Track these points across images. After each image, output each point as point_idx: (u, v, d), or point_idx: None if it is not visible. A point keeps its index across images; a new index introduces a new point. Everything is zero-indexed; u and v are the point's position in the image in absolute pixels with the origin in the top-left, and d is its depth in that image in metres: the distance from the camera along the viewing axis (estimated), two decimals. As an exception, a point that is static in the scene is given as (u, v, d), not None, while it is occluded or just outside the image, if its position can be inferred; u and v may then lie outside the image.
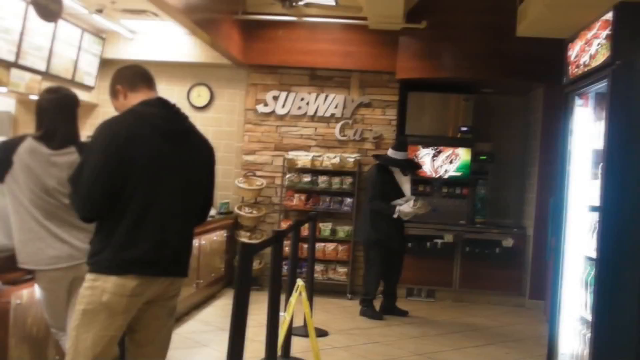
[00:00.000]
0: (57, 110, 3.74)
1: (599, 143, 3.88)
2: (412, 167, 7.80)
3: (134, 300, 3.07)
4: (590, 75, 3.73)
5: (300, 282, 5.46)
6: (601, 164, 3.72)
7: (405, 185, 7.51)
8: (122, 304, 3.04)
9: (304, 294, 5.41)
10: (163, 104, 3.24)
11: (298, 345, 5.84)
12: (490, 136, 9.12)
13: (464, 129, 8.88)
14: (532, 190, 8.71)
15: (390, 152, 7.53)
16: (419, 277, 8.54)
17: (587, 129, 4.01)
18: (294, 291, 5.40)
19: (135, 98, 3.21)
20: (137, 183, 3.03)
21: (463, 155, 8.78)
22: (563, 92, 4.10)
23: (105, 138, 3.06)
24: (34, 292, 3.92)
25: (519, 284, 8.62)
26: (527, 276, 8.57)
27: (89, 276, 3.10)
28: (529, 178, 8.94)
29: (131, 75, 3.26)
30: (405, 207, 7.29)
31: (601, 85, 3.70)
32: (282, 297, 4.87)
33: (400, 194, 7.43)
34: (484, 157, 8.94)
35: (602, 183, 3.47)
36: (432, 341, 6.69)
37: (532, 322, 7.78)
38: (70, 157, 3.68)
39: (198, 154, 3.29)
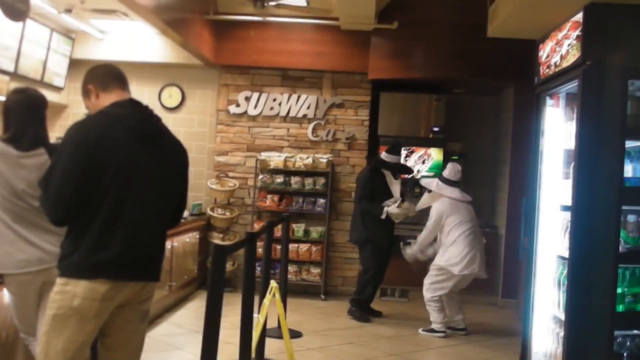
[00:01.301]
0: (24, 112, 3.68)
1: (570, 143, 3.91)
2: (403, 170, 7.81)
3: (105, 304, 3.03)
4: (561, 76, 3.76)
5: (273, 284, 5.43)
6: (572, 164, 3.75)
7: (395, 187, 7.53)
8: (93, 308, 3.00)
9: (277, 296, 5.39)
10: (135, 105, 3.20)
11: (272, 346, 5.83)
12: (462, 136, 9.18)
13: (435, 129, 8.92)
14: (503, 189, 8.77)
15: (384, 155, 7.54)
16: (393, 277, 8.50)
17: (558, 129, 4.04)
18: (267, 292, 5.37)
19: (107, 99, 3.17)
20: (108, 186, 2.99)
21: (435, 155, 8.83)
22: (534, 92, 4.12)
23: (75, 140, 3.02)
24: (3, 296, 3.86)
25: (491, 283, 8.66)
26: (499, 275, 8.63)
27: (59, 280, 3.05)
28: (500, 177, 9.01)
29: (103, 75, 3.21)
30: (393, 208, 7.29)
31: (572, 86, 3.73)
32: (256, 299, 4.84)
33: (390, 196, 7.45)
34: (456, 157, 8.96)
35: (573, 183, 3.49)
36: (406, 341, 6.71)
37: (505, 320, 7.83)
38: (39, 158, 3.62)
39: (171, 156, 3.26)
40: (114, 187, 3.00)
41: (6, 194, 3.56)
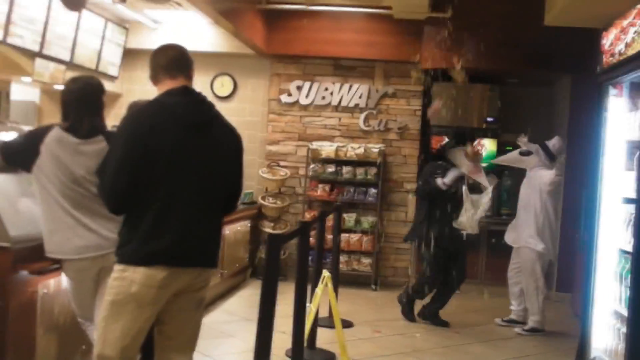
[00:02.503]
0: (81, 101, 3.71)
1: (633, 134, 3.80)
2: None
3: (162, 291, 3.05)
4: (626, 64, 3.64)
5: (326, 273, 5.42)
6: (636, 155, 3.64)
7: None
8: (150, 295, 3.02)
9: (329, 285, 5.38)
10: (188, 92, 3.20)
11: (323, 336, 5.82)
12: (516, 127, 8.97)
13: (489, 119, 8.79)
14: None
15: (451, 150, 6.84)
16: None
17: (621, 119, 3.92)
18: (319, 282, 5.36)
19: (166, 84, 3.18)
20: (162, 174, 3.01)
21: (489, 145, 8.69)
22: (596, 82, 4.01)
23: (129, 129, 3.05)
24: (61, 281, 3.92)
25: (546, 277, 8.49)
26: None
27: (117, 267, 3.08)
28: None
29: (167, 61, 3.21)
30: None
31: (637, 75, 3.61)
32: (307, 288, 4.83)
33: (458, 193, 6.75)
34: (510, 148, 8.80)
35: (637, 174, 3.38)
36: (460, 334, 6.64)
37: (560, 315, 7.69)
38: (98, 145, 3.66)
39: (224, 142, 3.25)
40: (166, 175, 3.02)
41: (66, 181, 3.61)
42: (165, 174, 3.01)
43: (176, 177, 3.03)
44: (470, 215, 6.57)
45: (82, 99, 3.70)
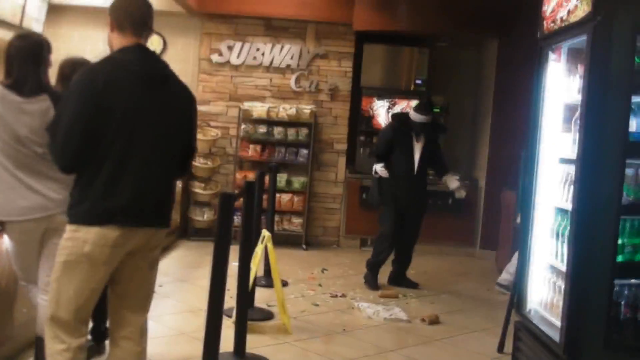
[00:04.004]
0: (26, 58, 3.57)
1: (570, 97, 3.93)
2: (433, 131, 6.98)
3: (115, 251, 3.01)
4: (568, 31, 3.75)
5: (266, 233, 5.45)
6: (575, 118, 3.78)
7: (416, 150, 6.84)
8: (103, 254, 2.98)
9: (270, 245, 5.41)
10: (142, 50, 3.14)
11: (261, 295, 5.87)
12: (444, 89, 9.18)
13: (418, 81, 8.91)
14: (484, 142, 8.85)
15: (411, 114, 6.86)
16: (371, 228, 8.56)
17: (558, 83, 4.06)
18: (259, 242, 5.39)
19: (118, 40, 3.10)
20: (116, 131, 2.95)
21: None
22: (537, 47, 4.13)
23: (82, 85, 2.96)
24: (2, 243, 3.81)
25: (470, 235, 8.81)
26: (478, 227, 8.76)
27: (69, 227, 3.02)
28: (481, 130, 9.07)
29: (123, 14, 3.11)
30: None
31: (577, 40, 3.74)
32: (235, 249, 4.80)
33: (410, 160, 6.83)
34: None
35: (579, 136, 3.52)
36: (387, 289, 6.80)
37: (484, 272, 7.97)
38: (42, 104, 3.54)
39: (178, 101, 3.21)
40: (121, 132, 2.96)
41: (9, 140, 3.48)
42: (119, 131, 2.95)
43: (131, 135, 2.97)
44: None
45: (28, 55, 3.56)
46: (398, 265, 7.04)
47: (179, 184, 8.20)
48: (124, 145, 2.97)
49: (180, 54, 8.76)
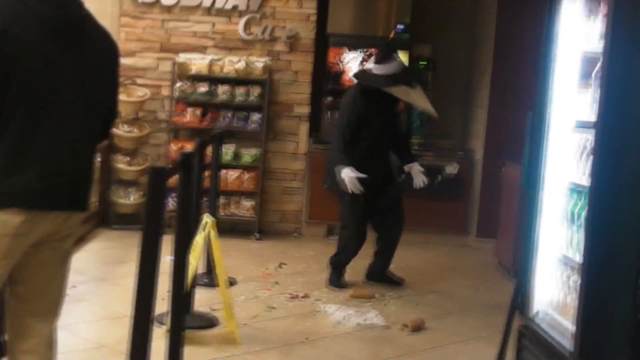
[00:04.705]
0: None
1: (591, 45, 3.95)
2: (407, 81, 6.86)
3: (18, 241, 2.98)
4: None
5: (208, 218, 5.42)
6: (595, 71, 3.79)
7: (419, 100, 6.91)
8: (2, 245, 2.96)
9: (213, 233, 5.39)
10: None
11: (201, 297, 5.86)
12: (431, 37, 9.19)
13: (399, 27, 8.91)
14: (481, 104, 8.90)
15: (375, 68, 6.74)
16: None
17: (575, 29, 4.06)
18: (200, 230, 5.36)
19: None
20: (20, 91, 2.92)
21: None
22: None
23: None
24: None
25: (463, 220, 8.87)
26: (473, 211, 8.83)
27: (-38, 211, 2.97)
28: (478, 90, 9.12)
29: None
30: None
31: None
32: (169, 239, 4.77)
33: (383, 131, 6.86)
34: (424, 63, 9.03)
35: (601, 93, 3.53)
36: (360, 287, 6.84)
37: (481, 266, 8.05)
38: None
39: (97, 51, 3.19)
40: (27, 92, 2.94)
41: None
42: (24, 91, 2.93)
43: (39, 95, 2.96)
44: None
45: None
46: (381, 259, 7.07)
47: (95, 159, 8.12)
48: (30, 108, 2.95)
49: (97, -9, 8.64)
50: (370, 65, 6.98)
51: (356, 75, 7.27)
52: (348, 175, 6.53)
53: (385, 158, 7.02)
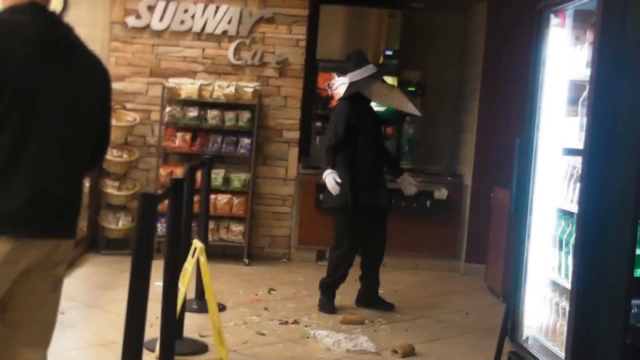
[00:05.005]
0: None
1: (577, 72, 4.00)
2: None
3: (6, 268, 2.94)
4: (575, -12, 3.83)
5: (197, 244, 5.42)
6: (582, 98, 3.84)
7: (399, 100, 6.98)
8: (-9, 273, 2.93)
9: (202, 259, 5.38)
10: (38, 10, 3.07)
11: (190, 323, 5.84)
12: (420, 62, 9.24)
13: (388, 52, 8.95)
14: (470, 129, 8.93)
15: (351, 76, 6.92)
16: (331, 237, 8.58)
17: (562, 55, 4.12)
18: (189, 255, 5.35)
19: None
20: (5, 115, 2.89)
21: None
22: (536, 9, 4.18)
23: None
24: None
25: (453, 245, 8.88)
26: (463, 235, 8.84)
27: (-54, 239, 2.96)
28: (466, 115, 9.15)
29: None
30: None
31: (584, 1, 3.80)
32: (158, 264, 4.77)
33: (377, 143, 6.97)
34: (413, 89, 9.05)
35: (588, 119, 3.58)
36: (350, 312, 6.82)
37: (471, 291, 8.06)
38: None
39: (87, 76, 3.16)
40: (12, 117, 2.90)
41: None
42: (9, 115, 2.89)
43: (26, 119, 2.92)
44: None
45: None
46: (367, 281, 7.06)
47: (85, 184, 8.12)
48: (16, 132, 2.92)
49: (86, 15, 8.62)
50: (347, 78, 7.07)
51: (343, 97, 7.26)
52: (331, 174, 6.68)
53: (382, 178, 7.02)
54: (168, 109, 8.50)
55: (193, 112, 8.50)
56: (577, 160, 3.80)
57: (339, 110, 7.05)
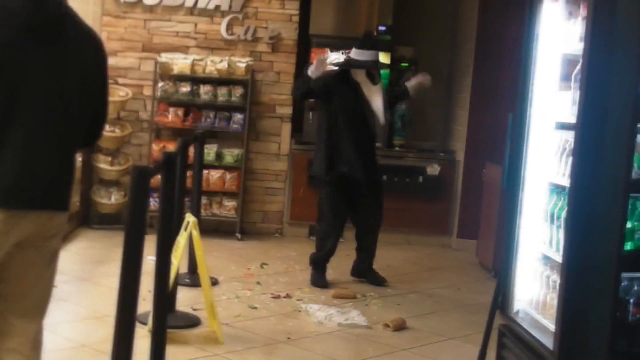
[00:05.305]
0: None
1: (570, 47, 3.99)
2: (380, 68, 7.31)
3: (-2, 240, 2.96)
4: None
5: (190, 218, 5.43)
6: (575, 72, 3.84)
7: (375, 97, 6.92)
8: (-19, 245, 2.94)
9: (195, 233, 5.39)
10: None
11: (183, 296, 5.86)
12: (414, 39, 9.23)
13: (381, 28, 8.93)
14: (463, 105, 8.94)
15: (353, 53, 6.97)
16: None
17: (556, 30, 4.11)
18: (182, 230, 5.36)
19: None
20: None
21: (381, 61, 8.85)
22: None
23: None
24: None
25: (445, 221, 8.91)
26: (454, 211, 8.87)
27: (-63, 211, 2.95)
28: (459, 91, 9.15)
29: None
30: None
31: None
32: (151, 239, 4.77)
33: (366, 111, 6.92)
34: (406, 65, 9.06)
35: (581, 94, 3.58)
36: (342, 287, 6.85)
37: (462, 266, 8.09)
38: None
39: (80, 49, 3.14)
40: (1, 90, 2.90)
41: None
42: None
43: (14, 93, 2.92)
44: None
45: None
46: (360, 255, 7.11)
47: (76, 159, 8.10)
48: (5, 106, 2.92)
49: (79, -10, 8.62)
50: (352, 51, 7.09)
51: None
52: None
53: (370, 154, 7.00)
54: (160, 84, 8.49)
55: (185, 88, 8.49)
56: (570, 135, 3.80)
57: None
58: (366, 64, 6.91)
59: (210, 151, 8.43)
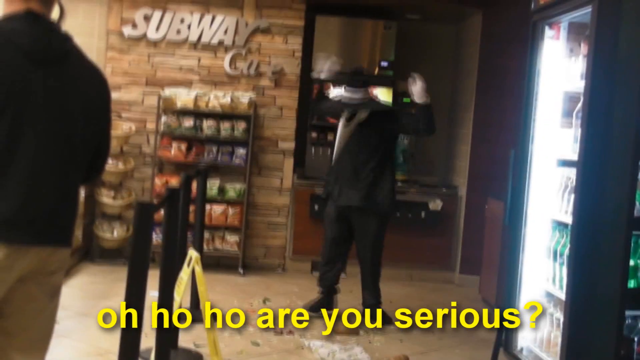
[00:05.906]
0: None
1: (572, 84, 4.03)
2: (383, 120, 7.00)
3: (1, 275, 2.94)
4: (569, 1, 3.84)
5: (193, 253, 5.41)
6: (575, 110, 3.87)
7: (341, 138, 6.90)
8: (-16, 280, 2.93)
9: (198, 268, 5.37)
10: (33, 18, 3.07)
11: (187, 333, 5.84)
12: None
13: (384, 64, 8.99)
14: (465, 140, 8.96)
15: (344, 91, 7.06)
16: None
17: (557, 67, 4.14)
18: (185, 265, 5.35)
19: (7, 5, 3.05)
20: None
21: (382, 96, 8.89)
22: (529, 20, 4.21)
23: None
24: None
25: (447, 256, 8.90)
26: (457, 247, 8.86)
27: None
28: (461, 126, 9.18)
29: None
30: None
31: (579, 14, 3.82)
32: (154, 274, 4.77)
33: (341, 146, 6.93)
34: (408, 100, 9.06)
35: (582, 131, 3.60)
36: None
37: (465, 302, 8.05)
38: None
39: (83, 86, 3.15)
40: (3, 123, 2.90)
41: None
42: (0, 121, 2.90)
43: (17, 126, 2.91)
44: None
45: None
46: (362, 293, 7.09)
47: (81, 192, 8.12)
48: (8, 138, 2.91)
49: (82, 24, 8.65)
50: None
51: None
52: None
53: (361, 183, 6.82)
54: (164, 118, 8.51)
55: (189, 122, 8.51)
56: (572, 172, 3.82)
57: None
58: (352, 102, 6.92)
59: (212, 186, 8.44)
